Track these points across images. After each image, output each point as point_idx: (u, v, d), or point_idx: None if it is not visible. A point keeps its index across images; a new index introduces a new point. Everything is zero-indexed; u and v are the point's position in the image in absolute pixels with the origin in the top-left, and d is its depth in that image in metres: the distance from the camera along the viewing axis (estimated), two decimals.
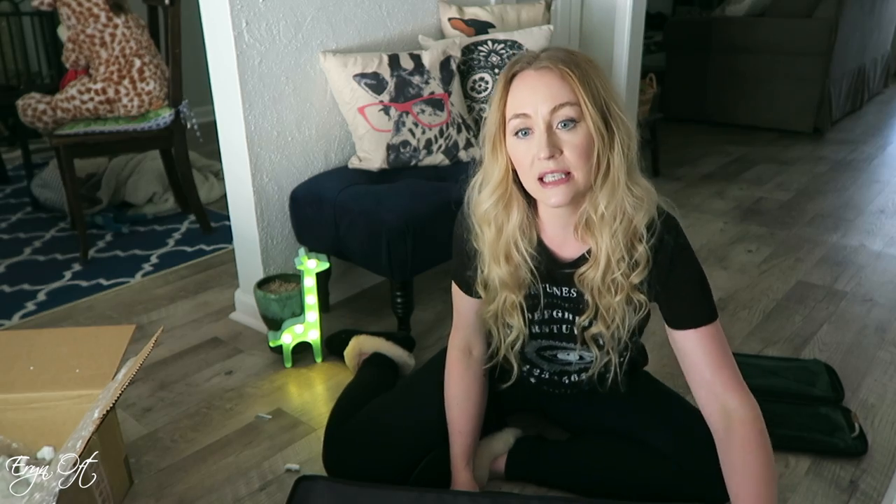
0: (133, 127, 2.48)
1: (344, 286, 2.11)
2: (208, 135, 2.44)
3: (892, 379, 1.65)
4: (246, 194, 1.86)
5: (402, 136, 1.89)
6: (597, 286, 1.09)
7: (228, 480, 1.38)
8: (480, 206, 1.11)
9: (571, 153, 1.00)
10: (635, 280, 1.07)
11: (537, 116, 1.00)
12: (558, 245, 1.14)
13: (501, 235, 1.11)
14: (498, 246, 1.12)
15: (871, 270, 2.24)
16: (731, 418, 1.05)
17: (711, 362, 1.07)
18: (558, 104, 0.99)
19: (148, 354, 1.20)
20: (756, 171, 3.33)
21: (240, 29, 1.70)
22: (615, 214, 1.04)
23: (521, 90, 1.02)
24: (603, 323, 1.12)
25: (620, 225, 1.05)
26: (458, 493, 1.26)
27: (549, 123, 1.00)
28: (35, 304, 2.15)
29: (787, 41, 3.82)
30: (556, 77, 1.00)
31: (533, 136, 1.01)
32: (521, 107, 1.02)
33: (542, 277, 1.14)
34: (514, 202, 1.09)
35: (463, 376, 1.27)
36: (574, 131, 1.00)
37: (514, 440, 1.35)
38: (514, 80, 1.03)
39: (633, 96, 2.88)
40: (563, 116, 1.00)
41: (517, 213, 1.10)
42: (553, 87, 1.00)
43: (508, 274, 1.12)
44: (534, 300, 1.18)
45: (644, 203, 1.05)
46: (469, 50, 2.07)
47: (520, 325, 1.16)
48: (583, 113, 0.99)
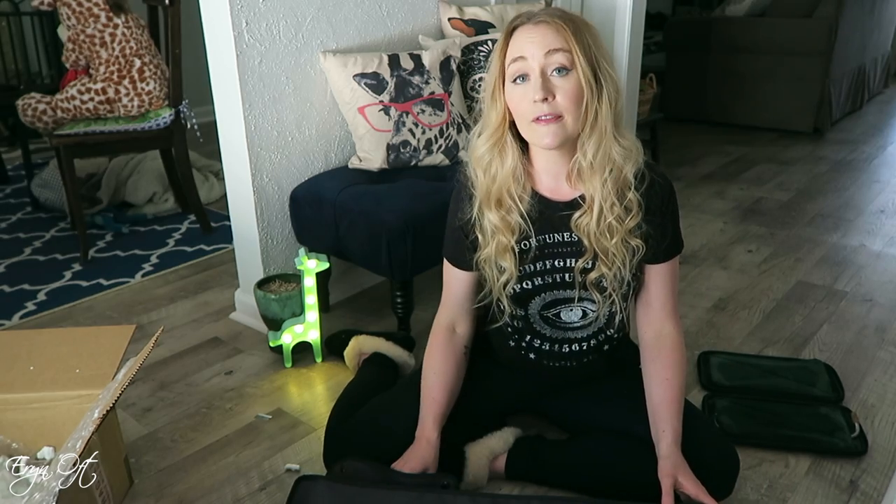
0: (133, 127, 2.48)
1: (344, 286, 2.11)
2: (208, 135, 2.44)
3: (892, 379, 1.65)
4: (246, 194, 1.86)
5: (402, 136, 1.89)
6: (593, 231, 1.17)
7: (228, 480, 1.38)
8: (477, 149, 1.20)
9: (563, 97, 1.10)
10: (630, 224, 1.16)
11: (533, 60, 1.10)
12: (552, 191, 1.22)
13: (495, 181, 1.19)
14: (491, 191, 1.19)
15: (871, 270, 2.24)
16: (662, 338, 1.25)
17: (665, 292, 1.25)
18: (552, 49, 1.09)
19: (148, 354, 1.20)
20: (756, 171, 3.33)
21: (240, 29, 1.70)
22: (604, 163, 1.13)
23: (519, 39, 1.12)
24: (604, 265, 1.18)
25: (610, 174, 1.14)
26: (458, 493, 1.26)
27: (544, 68, 1.10)
28: (35, 304, 2.15)
29: (787, 41, 3.82)
30: (552, 28, 1.10)
31: (529, 82, 1.10)
32: (519, 51, 1.11)
33: (538, 225, 1.21)
34: (508, 148, 1.18)
35: (443, 349, 1.31)
36: (566, 78, 1.10)
37: (513, 440, 1.35)
38: (514, 32, 1.13)
39: (633, 96, 2.88)
40: (556, 62, 1.09)
41: (511, 159, 1.18)
42: (548, 37, 1.09)
43: (500, 218, 1.19)
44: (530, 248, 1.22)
45: (632, 154, 1.15)
46: (469, 50, 2.07)
47: (511, 267, 1.22)
48: (574, 63, 1.09)
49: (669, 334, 1.25)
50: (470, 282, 1.31)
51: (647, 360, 1.26)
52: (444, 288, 1.34)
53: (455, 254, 1.30)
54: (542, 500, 1.27)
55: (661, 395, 1.21)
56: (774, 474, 1.36)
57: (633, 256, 1.18)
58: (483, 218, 1.21)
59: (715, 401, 1.56)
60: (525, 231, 1.20)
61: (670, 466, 1.12)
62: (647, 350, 1.27)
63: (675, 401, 1.20)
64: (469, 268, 1.29)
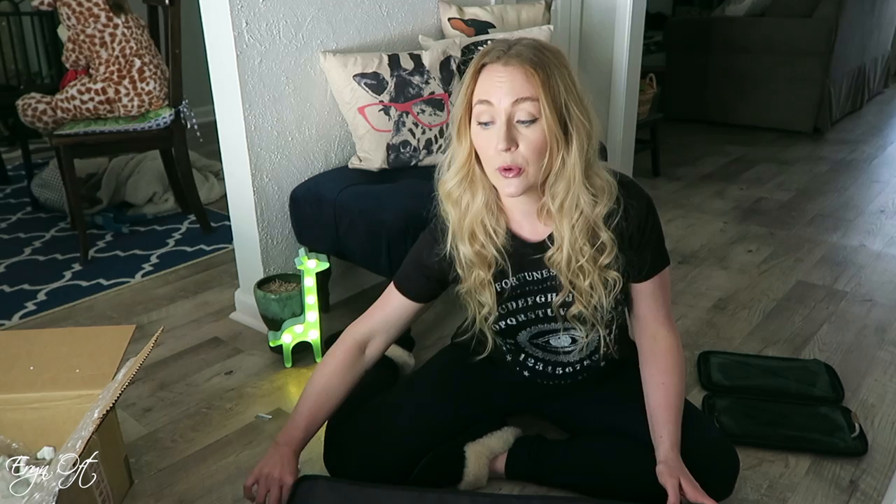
0: (133, 127, 2.48)
1: (344, 286, 2.11)
2: (208, 135, 2.44)
3: (892, 379, 1.65)
4: (246, 194, 1.86)
5: (402, 136, 1.89)
6: (564, 270, 1.15)
7: (228, 480, 1.38)
8: (446, 184, 1.16)
9: (526, 148, 1.06)
10: (604, 262, 1.14)
11: (499, 107, 1.05)
12: (525, 231, 1.19)
13: (467, 215, 1.16)
14: (464, 225, 1.17)
15: (871, 270, 2.24)
16: (657, 342, 1.24)
17: (655, 305, 1.24)
18: (520, 98, 1.04)
19: (148, 354, 1.20)
20: (756, 171, 3.33)
21: (240, 29, 1.70)
22: (571, 209, 1.11)
23: (487, 80, 1.07)
24: (580, 303, 1.17)
25: (580, 217, 1.11)
26: (458, 492, 1.26)
27: (510, 116, 1.05)
28: (35, 304, 2.15)
29: (787, 41, 3.82)
30: (521, 74, 1.04)
31: (494, 127, 1.06)
32: (486, 94, 1.06)
33: (515, 263, 1.19)
34: (478, 183, 1.14)
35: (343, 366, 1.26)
36: (531, 128, 1.06)
37: (513, 440, 1.35)
38: (483, 70, 1.08)
39: (633, 96, 2.88)
40: (522, 112, 1.05)
41: (482, 193, 1.15)
42: (517, 83, 1.04)
43: (474, 253, 1.17)
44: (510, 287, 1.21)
45: (604, 195, 1.11)
46: (469, 50, 2.07)
47: (489, 301, 1.20)
48: (541, 112, 1.04)
49: (664, 338, 1.25)
50: (409, 311, 1.28)
51: (643, 365, 1.26)
52: (376, 304, 1.31)
53: (411, 287, 1.27)
54: (542, 499, 1.27)
55: (658, 400, 1.20)
56: (774, 474, 1.36)
57: (612, 291, 1.16)
58: (458, 252, 1.19)
59: (715, 401, 1.56)
60: (501, 265, 1.18)
61: (669, 471, 1.11)
62: (643, 354, 1.27)
63: (671, 406, 1.19)
64: (419, 300, 1.27)
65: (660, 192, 3.03)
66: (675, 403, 1.20)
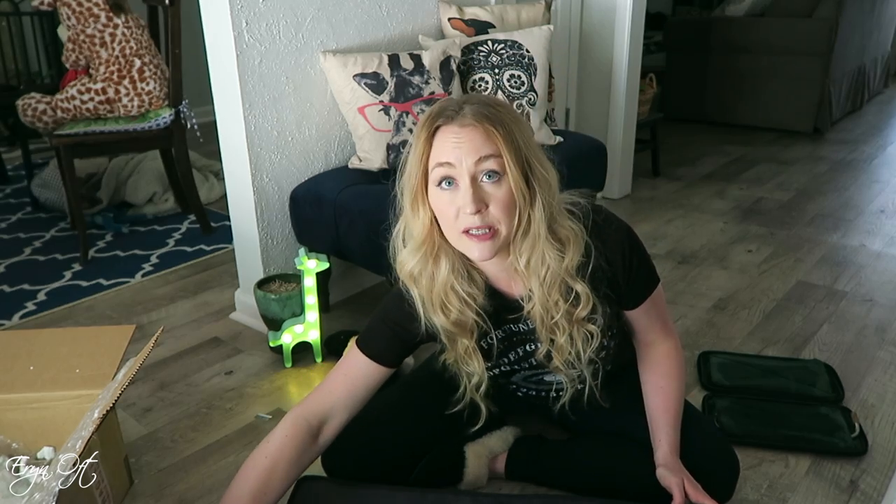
0: (133, 127, 2.48)
1: (344, 286, 2.11)
2: (208, 135, 2.44)
3: (892, 379, 1.65)
4: (246, 194, 1.86)
5: (402, 136, 1.89)
6: (539, 326, 1.11)
7: (228, 480, 1.36)
8: (406, 265, 1.09)
9: (496, 207, 1.00)
10: (580, 315, 1.09)
11: (461, 167, 0.99)
12: (503, 283, 1.14)
13: (433, 286, 1.09)
14: (432, 297, 1.09)
15: (871, 270, 2.24)
16: (655, 347, 1.24)
17: (650, 322, 1.22)
18: (483, 156, 0.99)
19: (148, 354, 1.20)
20: (756, 171, 3.33)
21: (240, 29, 1.70)
22: (538, 266, 1.05)
23: (444, 143, 1.01)
24: (558, 357, 1.14)
25: (547, 273, 1.05)
26: (459, 492, 1.26)
27: (474, 176, 0.99)
28: (35, 304, 2.15)
29: (787, 41, 3.82)
30: (481, 133, 0.99)
31: (457, 188, 1.00)
32: (445, 156, 1.00)
33: (496, 319, 1.14)
34: (441, 254, 1.07)
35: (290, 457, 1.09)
36: (497, 184, 1.00)
37: (513, 439, 1.35)
38: (438, 133, 1.02)
39: (633, 96, 2.88)
40: (487, 168, 0.99)
41: (446, 261, 1.07)
42: (477, 142, 0.99)
43: (452, 323, 1.10)
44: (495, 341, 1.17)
45: (571, 246, 1.05)
46: (469, 50, 2.07)
47: (478, 369, 1.15)
48: (505, 168, 0.99)
49: (662, 343, 1.25)
50: (377, 377, 1.17)
51: (642, 369, 1.26)
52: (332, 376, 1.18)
53: (380, 350, 1.17)
54: (543, 499, 1.27)
55: (657, 404, 1.20)
56: (774, 474, 1.36)
57: (590, 344, 1.12)
58: (434, 325, 1.12)
59: (715, 401, 1.56)
60: (483, 327, 1.13)
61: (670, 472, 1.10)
62: (642, 360, 1.27)
63: (670, 409, 1.18)
64: (389, 363, 1.17)
65: (660, 192, 3.03)
66: (674, 407, 1.19)
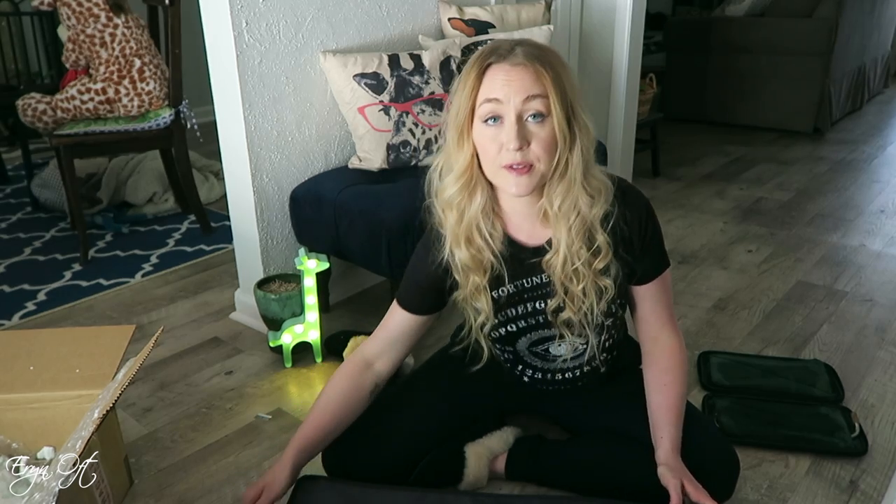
0: (133, 127, 2.48)
1: (344, 286, 2.11)
2: (208, 135, 2.44)
3: (892, 379, 1.65)
4: (246, 194, 1.86)
5: (402, 136, 1.89)
6: (559, 274, 1.14)
7: (228, 480, 1.38)
8: (445, 191, 1.14)
9: (538, 145, 1.05)
10: (599, 266, 1.13)
11: (509, 104, 1.04)
12: (523, 235, 1.18)
13: (463, 219, 1.14)
14: (459, 229, 1.15)
15: (871, 270, 2.24)
16: (659, 343, 1.24)
17: (657, 307, 1.23)
18: (531, 95, 1.03)
19: (148, 354, 1.20)
20: (756, 171, 3.33)
21: (240, 29, 1.70)
22: (569, 211, 1.10)
23: (495, 80, 1.05)
24: (570, 309, 1.17)
25: (577, 218, 1.11)
26: (460, 493, 1.26)
27: (520, 114, 1.04)
28: (35, 304, 2.14)
29: (787, 41, 3.82)
30: (531, 73, 1.04)
31: (502, 125, 1.05)
32: (494, 92, 1.05)
33: (512, 270, 1.18)
34: (477, 189, 1.13)
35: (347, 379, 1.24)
36: (542, 125, 1.05)
37: (513, 440, 1.35)
38: (489, 70, 1.06)
39: (633, 96, 2.88)
40: (533, 109, 1.04)
41: (480, 197, 1.13)
42: (527, 81, 1.04)
43: (470, 257, 1.15)
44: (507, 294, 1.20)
45: (601, 196, 1.11)
46: (469, 50, 2.07)
47: (485, 308, 1.19)
48: (551, 111, 1.04)
49: (667, 339, 1.24)
50: (414, 324, 1.27)
51: (646, 366, 1.26)
52: (383, 322, 1.29)
53: (410, 299, 1.26)
54: (543, 499, 1.27)
55: (660, 401, 1.20)
56: (774, 474, 1.36)
57: (601, 297, 1.16)
58: (454, 258, 1.17)
59: (715, 401, 1.56)
60: (498, 270, 1.17)
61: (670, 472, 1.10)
62: (645, 356, 1.27)
63: (672, 407, 1.18)
64: (420, 312, 1.26)
65: (660, 192, 3.03)
66: (676, 405, 1.19)
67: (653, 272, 1.21)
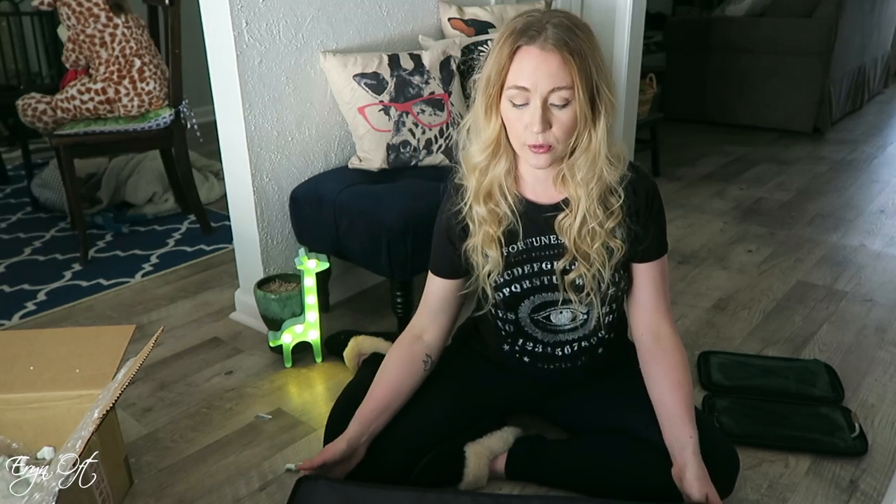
0: (133, 127, 2.48)
1: (344, 286, 2.11)
2: (208, 135, 2.44)
3: (892, 379, 1.65)
4: (246, 194, 1.86)
5: (402, 136, 1.89)
6: (574, 234, 1.20)
7: (228, 480, 1.38)
8: (474, 157, 1.22)
9: (558, 129, 1.12)
10: (611, 225, 1.19)
11: (535, 92, 1.10)
12: (539, 194, 1.25)
13: (485, 179, 1.22)
14: (482, 185, 1.22)
15: (871, 270, 2.24)
16: (662, 340, 1.26)
17: (656, 292, 1.27)
18: (557, 87, 1.09)
19: (148, 354, 1.20)
20: (756, 171, 3.33)
21: (240, 29, 1.70)
22: (590, 179, 1.17)
23: (524, 66, 1.10)
24: (583, 266, 1.21)
25: (597, 183, 1.17)
26: (460, 493, 1.26)
27: (545, 100, 1.10)
28: (35, 304, 2.15)
29: (787, 41, 3.82)
30: (558, 61, 1.08)
31: (527, 108, 1.12)
32: (523, 80, 1.10)
33: (524, 227, 1.23)
34: (503, 154, 1.21)
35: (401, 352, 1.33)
36: (565, 110, 1.11)
37: (513, 440, 1.35)
38: (519, 52, 1.11)
39: (633, 96, 2.89)
40: (557, 98, 1.10)
41: (504, 162, 1.21)
42: (553, 69, 1.09)
43: (488, 211, 1.22)
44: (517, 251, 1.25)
45: (620, 163, 1.18)
46: (469, 50, 2.07)
47: (496, 256, 1.24)
48: (574, 97, 1.10)
49: (668, 335, 1.26)
50: (449, 290, 1.33)
51: (647, 363, 1.26)
52: (423, 296, 1.37)
53: (439, 264, 1.34)
54: (543, 499, 1.27)
55: (676, 400, 1.19)
56: (774, 474, 1.36)
57: (612, 258, 1.21)
58: (472, 211, 1.24)
59: (715, 401, 1.56)
60: (512, 224, 1.23)
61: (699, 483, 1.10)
62: (646, 352, 1.27)
63: (691, 406, 1.20)
64: (451, 275, 1.32)
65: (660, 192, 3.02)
66: (691, 403, 1.20)
67: (655, 250, 1.26)
